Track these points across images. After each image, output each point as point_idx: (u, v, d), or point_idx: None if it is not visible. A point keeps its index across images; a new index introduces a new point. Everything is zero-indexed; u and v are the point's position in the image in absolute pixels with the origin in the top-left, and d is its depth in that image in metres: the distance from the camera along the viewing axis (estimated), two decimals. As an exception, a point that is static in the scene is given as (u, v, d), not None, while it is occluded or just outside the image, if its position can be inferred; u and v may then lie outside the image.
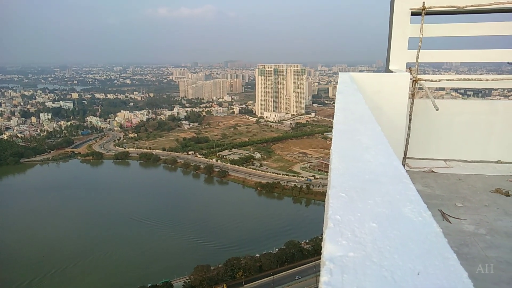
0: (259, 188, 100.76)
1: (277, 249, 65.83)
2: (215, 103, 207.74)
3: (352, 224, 0.78)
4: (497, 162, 6.68)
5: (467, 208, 4.87)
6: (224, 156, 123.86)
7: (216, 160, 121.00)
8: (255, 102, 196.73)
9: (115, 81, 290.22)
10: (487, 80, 6.73)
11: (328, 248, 0.69)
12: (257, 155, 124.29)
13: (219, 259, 62.86)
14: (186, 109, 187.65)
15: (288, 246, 64.77)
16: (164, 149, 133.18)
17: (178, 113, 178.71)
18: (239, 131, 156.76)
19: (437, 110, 5.96)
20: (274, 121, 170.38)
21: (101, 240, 74.03)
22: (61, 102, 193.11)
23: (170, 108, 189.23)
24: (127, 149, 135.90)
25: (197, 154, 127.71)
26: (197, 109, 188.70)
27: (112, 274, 62.88)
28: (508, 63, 6.75)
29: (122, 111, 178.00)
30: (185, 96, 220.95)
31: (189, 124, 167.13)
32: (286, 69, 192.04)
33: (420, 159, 6.91)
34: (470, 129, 6.80)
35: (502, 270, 3.45)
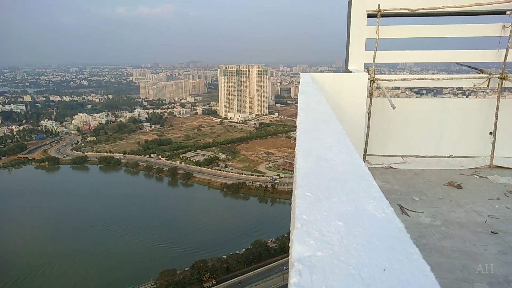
0: (224, 189, 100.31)
1: (244, 249, 65.87)
2: (178, 104, 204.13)
3: (319, 223, 0.79)
4: (449, 156, 7.09)
5: (424, 201, 5.13)
6: (188, 158, 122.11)
7: (180, 162, 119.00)
8: (218, 102, 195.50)
9: (71, 82, 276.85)
10: (438, 79, 7.13)
11: (296, 249, 0.70)
12: (222, 156, 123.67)
13: (186, 262, 61.90)
14: (147, 110, 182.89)
15: (255, 246, 65.01)
16: (125, 153, 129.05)
17: (139, 115, 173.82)
18: (203, 132, 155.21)
19: (393, 108, 6.23)
20: (238, 122, 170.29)
21: (61, 249, 70.48)
22: (12, 105, 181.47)
23: (130, 110, 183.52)
24: (85, 153, 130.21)
25: (160, 156, 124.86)
26: (159, 111, 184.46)
27: (74, 284, 60.10)
28: (457, 63, 7.18)
29: (79, 113, 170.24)
30: (146, 98, 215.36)
31: (150, 126, 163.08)
32: (249, 70, 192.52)
33: (379, 155, 7.19)
34: (424, 126, 7.16)
35: (456, 259, 3.67)
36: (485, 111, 6.88)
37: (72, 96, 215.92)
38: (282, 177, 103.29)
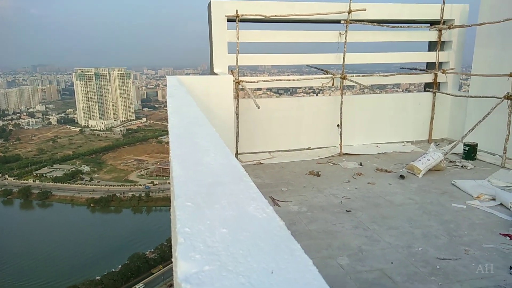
0: (92, 205, 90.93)
1: (120, 266, 61.20)
2: (25, 114, 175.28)
3: (203, 234, 0.76)
4: (307, 149, 7.95)
5: (291, 191, 5.62)
6: (44, 175, 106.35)
7: (34, 181, 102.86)
8: (76, 110, 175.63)
9: None
10: (293, 80, 7.90)
11: (181, 267, 0.65)
12: (86, 168, 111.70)
13: (51, 294, 54.04)
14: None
15: (133, 260, 61.07)
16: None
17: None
18: (60, 143, 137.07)
19: (258, 108, 6.65)
20: (101, 129, 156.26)
21: None
22: None
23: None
24: None
25: (7, 176, 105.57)
26: (0, 123, 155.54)
27: None
28: (307, 65, 8.08)
29: None
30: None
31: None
32: (109, 73, 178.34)
33: (249, 153, 7.58)
34: (285, 123, 7.85)
35: (321, 239, 4.13)
36: (332, 107, 7.92)
37: None
38: (156, 184, 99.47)
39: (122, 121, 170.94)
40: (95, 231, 79.17)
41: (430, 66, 8.58)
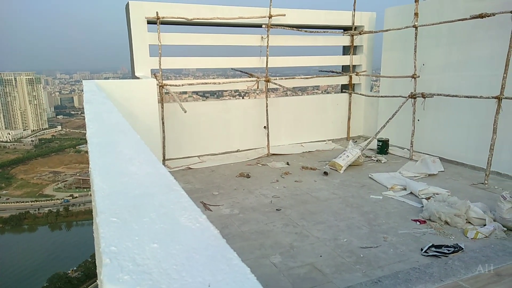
0: (0, 225, 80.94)
1: (38, 290, 55.34)
2: None
3: (132, 251, 0.71)
4: (237, 151, 8.01)
5: (222, 195, 5.60)
6: None
7: None
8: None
9: None
10: (219, 83, 7.91)
11: None
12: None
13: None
14: None
15: (53, 281, 55.57)
16: None
17: None
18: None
19: (185, 112, 6.53)
20: (9, 141, 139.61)
21: None
22: None
23: None
24: None
25: None
26: None
27: None
28: (232, 68, 8.15)
29: None
30: None
31: None
32: (15, 78, 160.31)
33: (177, 158, 7.40)
34: (213, 126, 7.82)
35: (254, 240, 4.18)
36: (258, 109, 8.10)
37: None
38: (76, 197, 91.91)
39: (33, 130, 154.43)
40: (6, 255, 70.51)
41: (345, 69, 9.23)
